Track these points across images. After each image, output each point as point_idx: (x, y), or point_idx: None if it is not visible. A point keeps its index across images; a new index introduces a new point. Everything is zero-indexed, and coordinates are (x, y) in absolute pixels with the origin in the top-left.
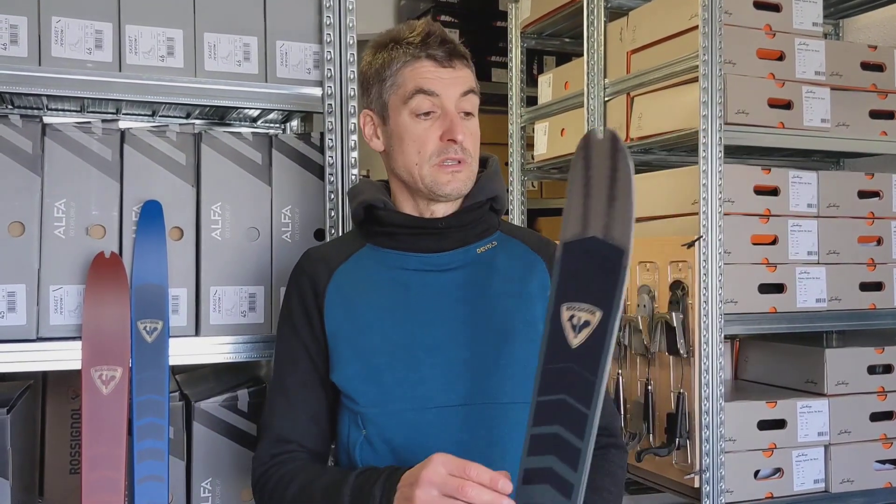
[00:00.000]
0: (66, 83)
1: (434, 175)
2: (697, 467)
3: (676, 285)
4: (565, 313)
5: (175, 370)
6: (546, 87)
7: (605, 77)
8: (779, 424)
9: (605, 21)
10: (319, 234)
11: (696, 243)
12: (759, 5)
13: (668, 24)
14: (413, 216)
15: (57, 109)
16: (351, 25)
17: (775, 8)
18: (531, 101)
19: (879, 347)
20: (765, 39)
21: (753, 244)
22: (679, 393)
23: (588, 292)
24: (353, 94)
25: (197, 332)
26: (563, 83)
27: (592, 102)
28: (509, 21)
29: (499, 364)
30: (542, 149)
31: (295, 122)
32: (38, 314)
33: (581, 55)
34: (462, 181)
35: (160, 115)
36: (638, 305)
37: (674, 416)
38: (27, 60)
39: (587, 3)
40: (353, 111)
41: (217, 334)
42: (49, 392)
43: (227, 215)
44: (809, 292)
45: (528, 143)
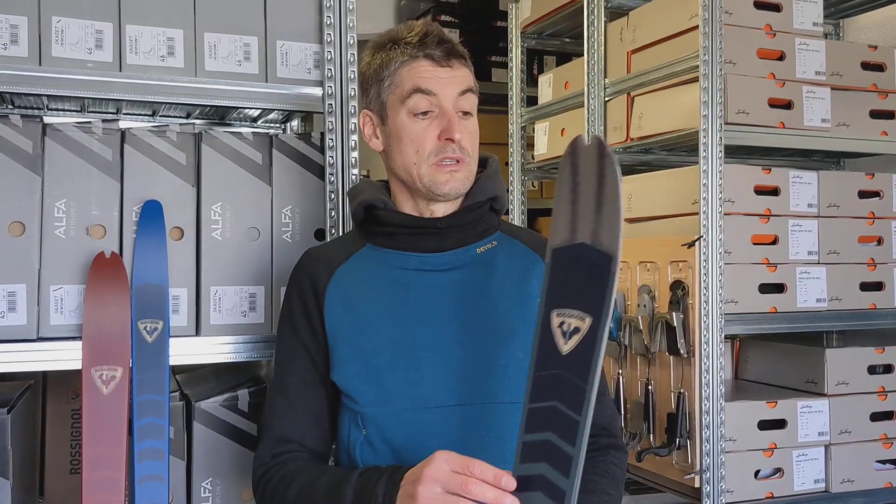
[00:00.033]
0: (66, 83)
1: (432, 174)
2: (698, 467)
3: (677, 285)
4: (555, 319)
5: (175, 370)
6: (546, 87)
7: (605, 77)
8: (779, 424)
9: (605, 21)
10: (320, 234)
11: (697, 243)
12: (759, 5)
13: (669, 24)
14: (413, 216)
15: (57, 109)
16: (351, 25)
17: (776, 8)
18: (531, 101)
19: (880, 347)
20: (765, 39)
21: (754, 244)
22: (679, 393)
23: (578, 298)
24: (353, 94)
25: (197, 332)
26: (564, 83)
27: (593, 102)
28: (509, 21)
29: (498, 364)
30: (542, 149)
31: (295, 122)
32: (38, 314)
33: (581, 55)
34: (460, 180)
35: (160, 115)
36: (638, 305)
37: (674, 416)
38: (27, 60)
39: (587, 3)
40: (353, 111)
41: (217, 334)
42: (49, 392)
43: (227, 215)
44: (810, 292)
45: (529, 143)
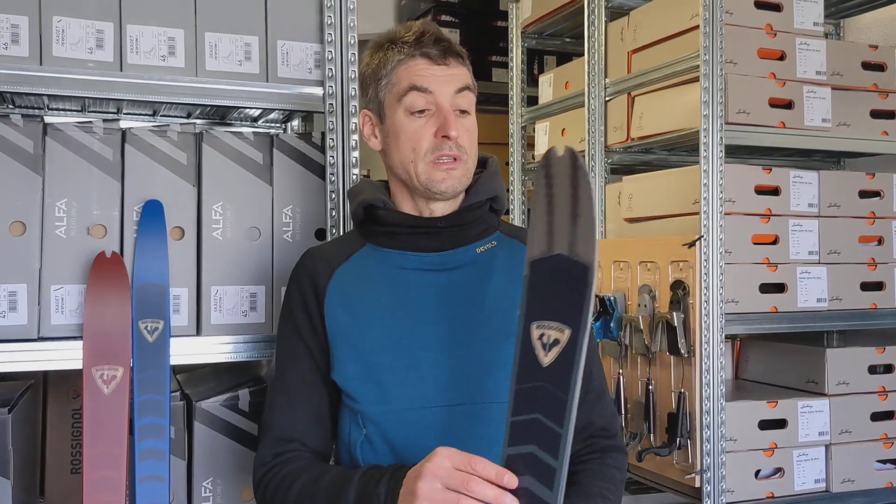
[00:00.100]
0: (67, 83)
1: (429, 172)
2: (698, 467)
3: (677, 285)
4: (535, 332)
5: (176, 370)
6: (547, 87)
7: (605, 77)
8: (779, 424)
9: (605, 21)
10: (320, 234)
11: (697, 243)
12: (760, 5)
13: (669, 24)
14: (412, 216)
15: (58, 109)
16: (352, 25)
17: (776, 8)
18: (532, 100)
19: (880, 347)
20: (766, 39)
21: (754, 244)
22: (680, 392)
23: (556, 310)
24: (354, 94)
25: (198, 332)
26: (564, 83)
27: (593, 102)
28: (510, 21)
29: (498, 363)
30: (542, 149)
31: (296, 122)
32: (39, 314)
33: (582, 55)
34: (457, 178)
35: (161, 115)
36: (639, 305)
37: (675, 416)
38: (28, 60)
39: (588, 3)
40: (354, 111)
41: (218, 334)
42: (50, 392)
43: (228, 215)
44: (810, 292)
45: (529, 143)
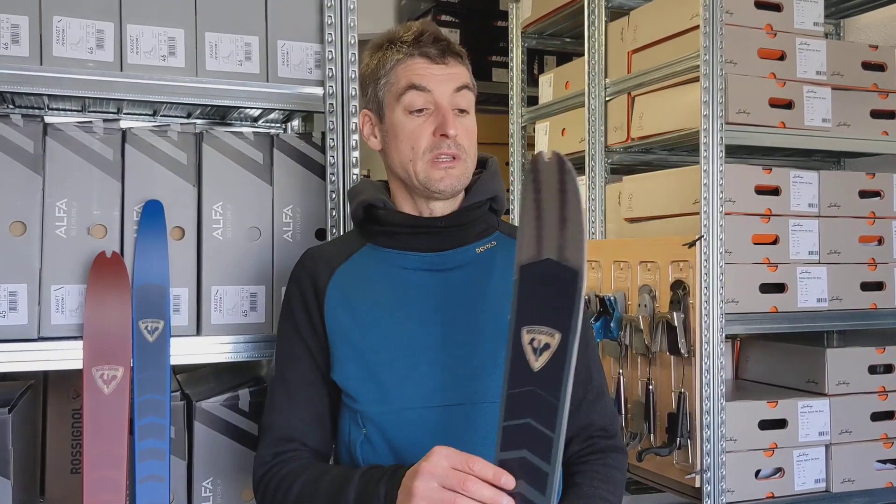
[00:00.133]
0: (67, 83)
1: (427, 171)
2: (698, 467)
3: (677, 285)
4: (525, 336)
5: (176, 370)
6: (547, 87)
7: (605, 77)
8: (780, 424)
9: (605, 21)
10: (321, 234)
11: (697, 243)
12: (760, 5)
13: (669, 24)
14: (412, 216)
15: (58, 109)
16: (352, 25)
17: (776, 7)
18: (532, 100)
19: (880, 347)
20: (766, 39)
21: (754, 244)
22: (680, 392)
23: (546, 315)
24: (354, 94)
25: (198, 332)
26: (564, 83)
27: (593, 102)
28: (510, 21)
29: (498, 363)
30: (542, 148)
31: (296, 122)
32: (39, 314)
33: (582, 55)
34: (456, 177)
35: (161, 115)
36: (639, 305)
37: (675, 416)
38: (28, 60)
39: (588, 3)
40: (354, 111)
41: (218, 334)
42: (50, 392)
43: (228, 215)
44: (810, 292)
45: (529, 143)
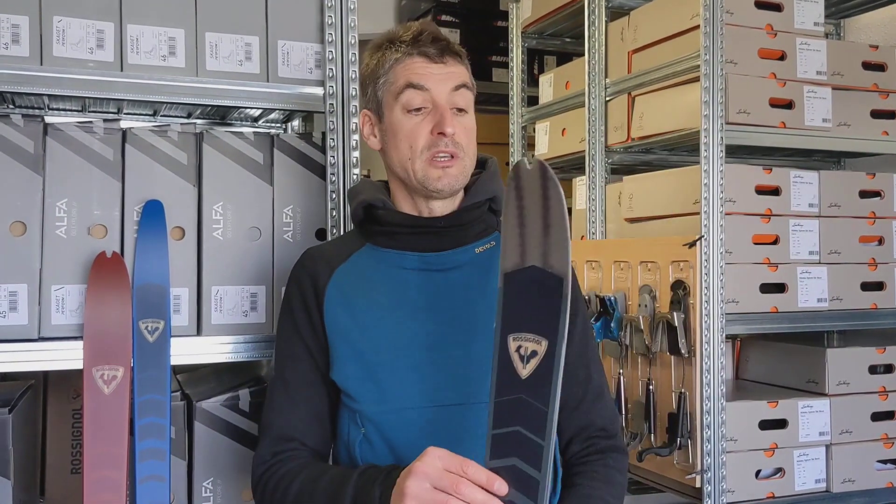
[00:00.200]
0: (67, 83)
1: (426, 170)
2: (699, 467)
3: (678, 285)
4: (512, 344)
5: (176, 370)
6: (547, 87)
7: (606, 77)
8: (780, 424)
9: (606, 21)
10: (321, 234)
11: (698, 243)
12: (760, 5)
13: (670, 24)
14: (412, 215)
15: (58, 109)
16: (352, 25)
17: (777, 7)
18: (532, 100)
19: (881, 347)
20: (766, 39)
21: (755, 244)
22: (680, 393)
23: (532, 322)
24: (354, 94)
25: (198, 332)
26: (564, 83)
27: (593, 102)
28: (510, 21)
29: None
30: (542, 148)
31: (296, 122)
32: (39, 314)
33: (582, 55)
34: (454, 176)
35: (161, 115)
36: (639, 305)
37: (675, 416)
38: (29, 60)
39: (588, 3)
40: (354, 111)
41: (218, 334)
42: (50, 392)
43: (228, 215)
44: (811, 292)
45: (529, 143)
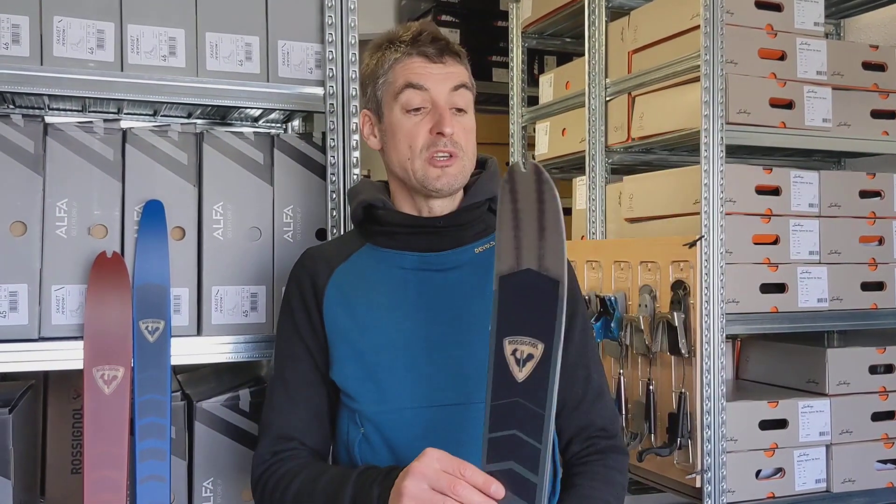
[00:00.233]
0: (67, 83)
1: (425, 170)
2: (699, 467)
3: (678, 285)
4: (508, 347)
5: (176, 370)
6: (547, 87)
7: (606, 77)
8: (780, 424)
9: (606, 21)
10: (321, 234)
11: (698, 243)
12: (760, 5)
13: (670, 24)
14: (412, 215)
15: (58, 109)
16: (353, 25)
17: (777, 8)
18: (532, 100)
19: (881, 347)
20: (766, 39)
21: (755, 244)
22: (681, 392)
23: (528, 325)
24: (354, 94)
25: (199, 332)
26: (565, 83)
27: (594, 102)
28: (510, 21)
29: None
30: (543, 148)
31: (296, 122)
32: (39, 314)
33: (582, 55)
34: (452, 175)
35: (161, 115)
36: (639, 305)
37: (675, 416)
38: (29, 60)
39: (588, 3)
40: (354, 111)
41: (219, 334)
42: (51, 392)
43: (228, 215)
44: (811, 292)
45: (529, 143)
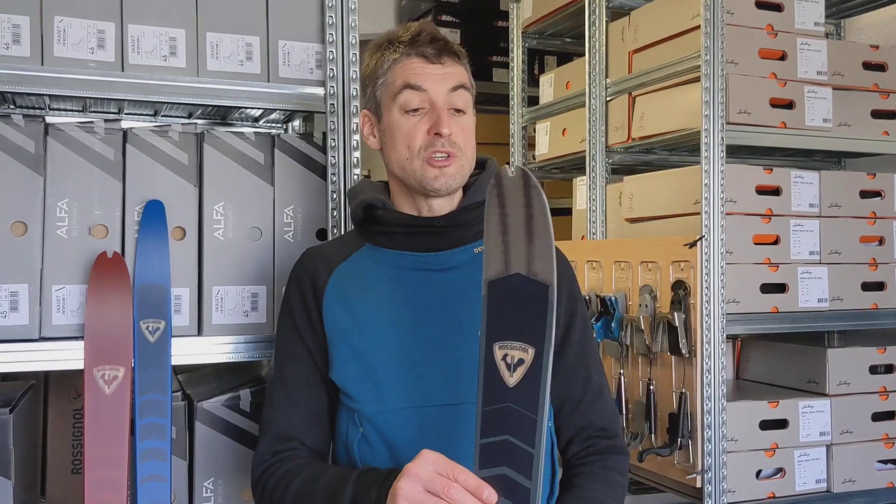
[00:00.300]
0: (68, 83)
1: (423, 170)
2: (699, 467)
3: (678, 285)
4: (498, 352)
5: (177, 370)
6: (547, 87)
7: (606, 77)
8: (781, 424)
9: (606, 21)
10: (322, 234)
11: (698, 243)
12: (760, 5)
13: (670, 24)
14: (411, 216)
15: (59, 109)
16: (353, 25)
17: (777, 8)
18: (532, 101)
19: (881, 347)
20: (767, 39)
21: (755, 244)
22: (681, 393)
23: (518, 330)
24: (355, 94)
25: (199, 332)
26: (565, 83)
27: (594, 102)
28: (510, 21)
29: None
30: (543, 148)
31: (297, 122)
32: (40, 314)
33: (582, 55)
34: (451, 175)
35: (162, 115)
36: (640, 305)
37: (676, 416)
38: (30, 60)
39: (589, 3)
40: (355, 111)
41: (219, 334)
42: (51, 392)
43: (229, 215)
44: (811, 292)
45: (530, 143)
